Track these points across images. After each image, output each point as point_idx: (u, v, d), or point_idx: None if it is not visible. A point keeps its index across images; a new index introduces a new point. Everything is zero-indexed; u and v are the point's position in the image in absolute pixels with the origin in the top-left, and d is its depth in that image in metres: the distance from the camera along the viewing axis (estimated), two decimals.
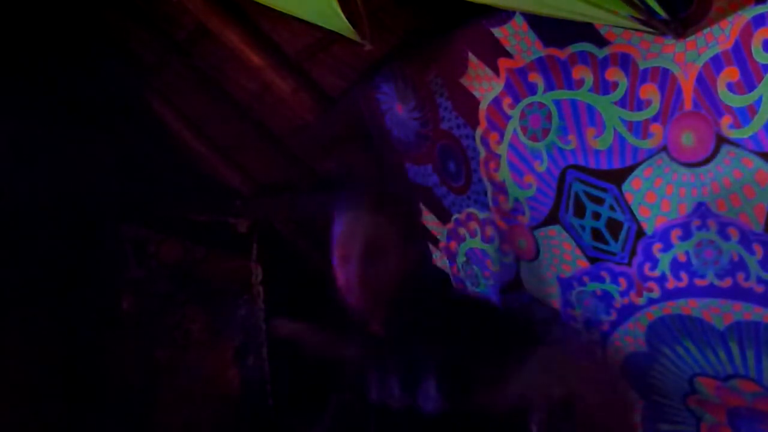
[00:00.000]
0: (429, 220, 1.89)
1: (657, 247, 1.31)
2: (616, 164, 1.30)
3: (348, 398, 1.77)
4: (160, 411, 3.56)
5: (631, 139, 1.26)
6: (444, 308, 1.64)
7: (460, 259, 1.83)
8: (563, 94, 1.35)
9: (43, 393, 3.31)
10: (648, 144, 1.24)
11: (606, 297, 1.44)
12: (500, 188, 1.56)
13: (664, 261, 1.31)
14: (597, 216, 1.37)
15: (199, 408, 3.56)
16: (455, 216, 1.78)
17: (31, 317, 3.28)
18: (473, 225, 1.73)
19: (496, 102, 1.49)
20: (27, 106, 2.99)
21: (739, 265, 1.20)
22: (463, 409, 1.56)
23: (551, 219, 1.47)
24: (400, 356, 1.67)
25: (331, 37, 1.80)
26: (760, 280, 1.18)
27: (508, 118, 1.47)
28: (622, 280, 1.39)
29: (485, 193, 1.62)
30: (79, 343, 3.30)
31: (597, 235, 1.39)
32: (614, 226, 1.35)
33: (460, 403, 1.56)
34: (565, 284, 1.52)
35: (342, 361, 1.78)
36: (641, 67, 1.21)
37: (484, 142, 1.55)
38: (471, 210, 1.71)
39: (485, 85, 1.50)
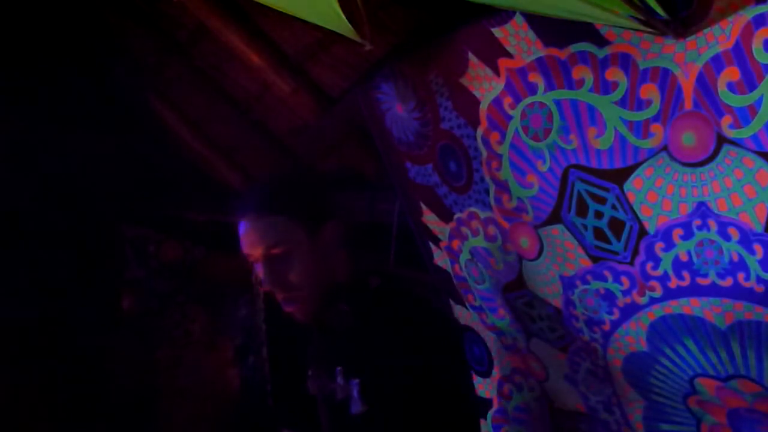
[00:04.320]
0: (430, 219, 1.89)
1: (659, 246, 1.31)
2: (618, 164, 1.30)
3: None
4: (160, 411, 3.56)
5: (631, 139, 1.27)
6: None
7: (464, 257, 1.83)
8: (564, 94, 1.35)
9: (42, 393, 3.31)
10: (649, 144, 1.25)
11: (609, 296, 1.44)
12: (503, 187, 1.56)
13: (666, 260, 1.31)
14: (599, 215, 1.37)
15: (199, 408, 3.56)
16: (457, 215, 1.78)
17: (31, 317, 3.28)
18: (475, 224, 1.73)
19: (497, 102, 1.49)
20: (28, 106, 2.99)
21: (740, 265, 1.20)
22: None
23: (554, 218, 1.47)
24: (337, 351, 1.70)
25: (331, 37, 1.80)
26: (760, 280, 1.18)
27: (510, 117, 1.47)
28: (625, 279, 1.40)
29: (487, 192, 1.62)
30: (79, 343, 3.30)
31: (599, 234, 1.39)
32: (617, 225, 1.35)
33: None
34: (568, 283, 1.52)
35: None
36: (641, 67, 1.21)
37: (485, 141, 1.55)
38: (472, 209, 1.71)
39: (485, 85, 1.50)
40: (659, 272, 1.33)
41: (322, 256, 1.71)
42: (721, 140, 1.14)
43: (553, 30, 1.33)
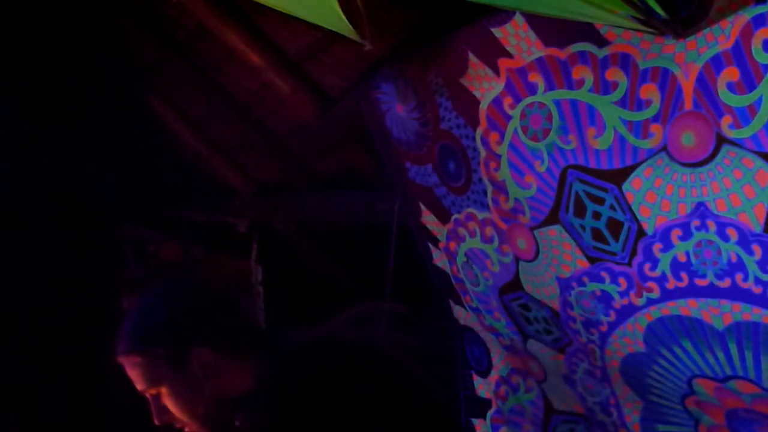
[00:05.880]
0: (429, 220, 1.89)
1: (657, 247, 1.30)
2: (617, 164, 1.30)
3: None
4: None
5: (631, 139, 1.26)
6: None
7: (460, 259, 1.83)
8: (563, 94, 1.34)
9: (43, 393, 3.31)
10: (648, 144, 1.24)
11: (605, 297, 1.44)
12: (500, 188, 1.55)
13: (665, 261, 1.30)
14: (597, 216, 1.37)
15: None
16: (455, 216, 1.78)
17: (31, 317, 3.28)
18: (472, 225, 1.72)
19: (497, 102, 1.48)
20: (27, 106, 2.99)
21: (738, 266, 1.20)
22: None
23: (551, 219, 1.46)
24: None
25: (331, 37, 1.81)
26: (758, 281, 1.18)
27: (509, 118, 1.46)
28: (622, 281, 1.39)
29: (485, 193, 1.62)
30: (79, 343, 3.30)
31: (597, 235, 1.39)
32: (614, 226, 1.35)
33: None
34: (564, 285, 1.52)
35: None
36: (641, 67, 1.21)
37: (484, 142, 1.55)
38: (470, 210, 1.71)
39: (485, 85, 1.50)
40: (657, 273, 1.32)
41: (197, 383, 1.75)
42: (721, 140, 1.14)
43: (553, 30, 1.32)
